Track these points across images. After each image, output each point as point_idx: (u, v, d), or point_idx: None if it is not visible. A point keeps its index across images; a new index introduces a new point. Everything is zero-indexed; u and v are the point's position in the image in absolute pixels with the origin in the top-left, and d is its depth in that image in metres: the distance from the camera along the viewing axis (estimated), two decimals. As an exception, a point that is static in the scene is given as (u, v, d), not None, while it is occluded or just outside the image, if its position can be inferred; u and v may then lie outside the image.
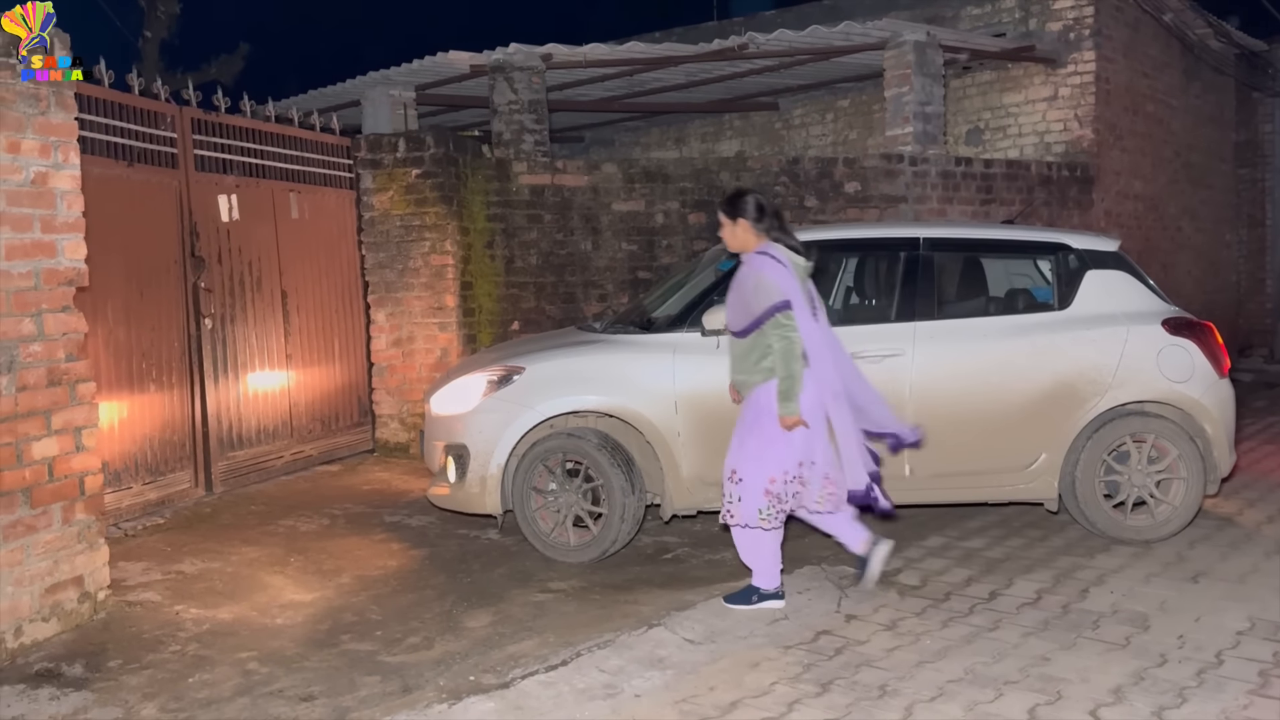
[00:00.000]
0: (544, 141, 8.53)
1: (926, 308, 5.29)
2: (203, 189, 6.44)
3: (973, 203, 8.63)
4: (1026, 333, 5.29)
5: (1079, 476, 5.21)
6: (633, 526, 5.08)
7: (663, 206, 8.11)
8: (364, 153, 7.61)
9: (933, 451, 5.14)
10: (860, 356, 5.07)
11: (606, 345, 5.30)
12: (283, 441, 7.11)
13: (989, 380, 5.19)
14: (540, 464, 5.10)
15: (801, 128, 12.12)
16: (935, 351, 5.19)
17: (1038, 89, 10.19)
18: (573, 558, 5.08)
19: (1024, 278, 5.94)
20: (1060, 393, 5.18)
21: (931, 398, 5.14)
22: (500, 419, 5.09)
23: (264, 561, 5.18)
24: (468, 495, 5.15)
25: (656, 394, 5.05)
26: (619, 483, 4.99)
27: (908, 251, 5.41)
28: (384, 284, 7.66)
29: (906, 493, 5.25)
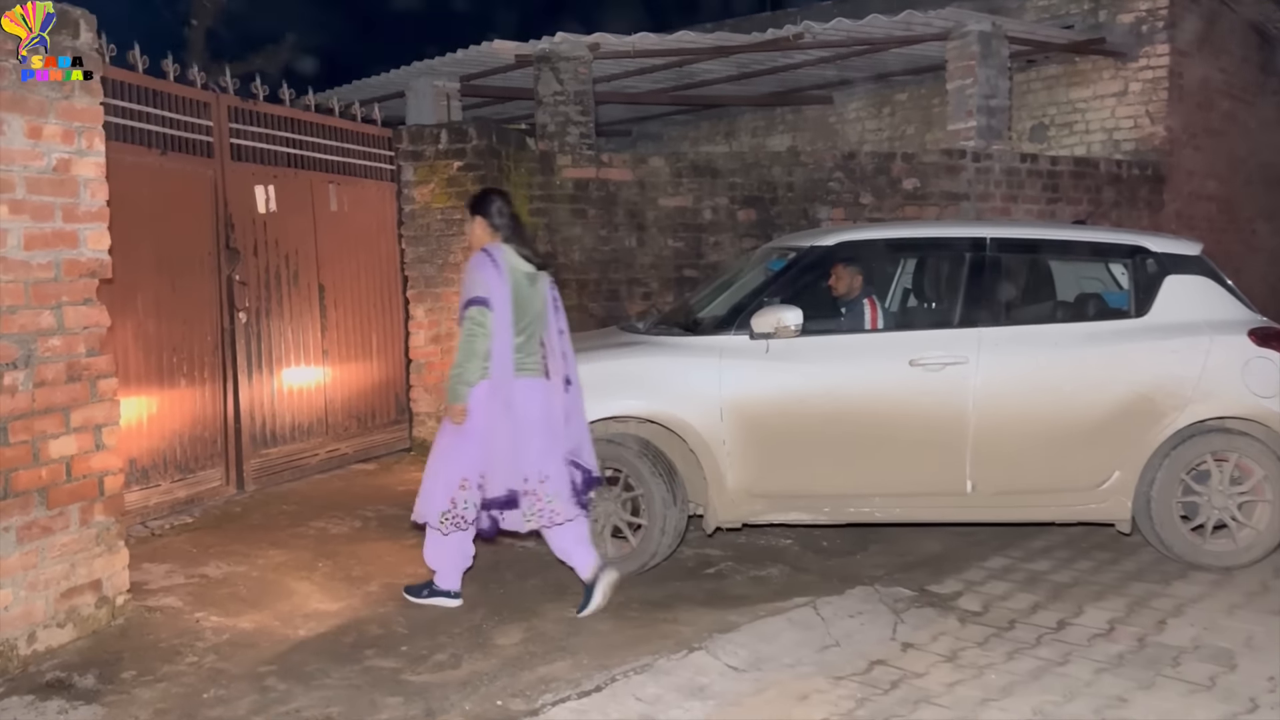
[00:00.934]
0: (589, 134, 8.29)
1: (993, 313, 4.96)
2: (239, 179, 6.28)
3: (1038, 202, 8.25)
4: (1100, 341, 4.94)
5: (1155, 496, 4.86)
6: (674, 539, 4.81)
7: (711, 202, 7.83)
8: (405, 144, 7.42)
9: (998, 467, 4.82)
10: (919, 363, 4.77)
11: (649, 347, 5.03)
12: (318, 439, 6.95)
13: (1060, 392, 4.85)
14: None
15: (856, 122, 11.77)
16: (1002, 360, 4.85)
17: (1106, 84, 9.77)
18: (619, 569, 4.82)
19: (1094, 282, 5.59)
20: (1136, 406, 4.83)
21: (997, 410, 4.81)
22: None
23: (291, 566, 4.99)
24: None
25: (701, 400, 4.78)
26: (660, 493, 4.72)
27: (974, 252, 5.07)
28: (423, 279, 7.46)
29: (968, 511, 4.93)
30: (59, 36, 3.91)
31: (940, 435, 4.81)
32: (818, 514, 4.92)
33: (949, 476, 4.83)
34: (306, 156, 6.84)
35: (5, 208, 3.73)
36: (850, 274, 5.58)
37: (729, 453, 4.77)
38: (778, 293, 4.94)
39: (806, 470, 4.86)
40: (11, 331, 3.75)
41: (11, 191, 3.75)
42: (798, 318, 4.70)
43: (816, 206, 7.94)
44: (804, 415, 4.79)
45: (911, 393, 4.80)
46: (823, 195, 7.95)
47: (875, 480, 4.88)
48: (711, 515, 4.89)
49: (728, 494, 4.82)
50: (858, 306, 5.55)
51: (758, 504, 4.86)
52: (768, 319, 4.73)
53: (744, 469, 4.79)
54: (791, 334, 4.72)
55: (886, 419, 4.80)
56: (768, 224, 7.74)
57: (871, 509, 4.91)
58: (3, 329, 3.72)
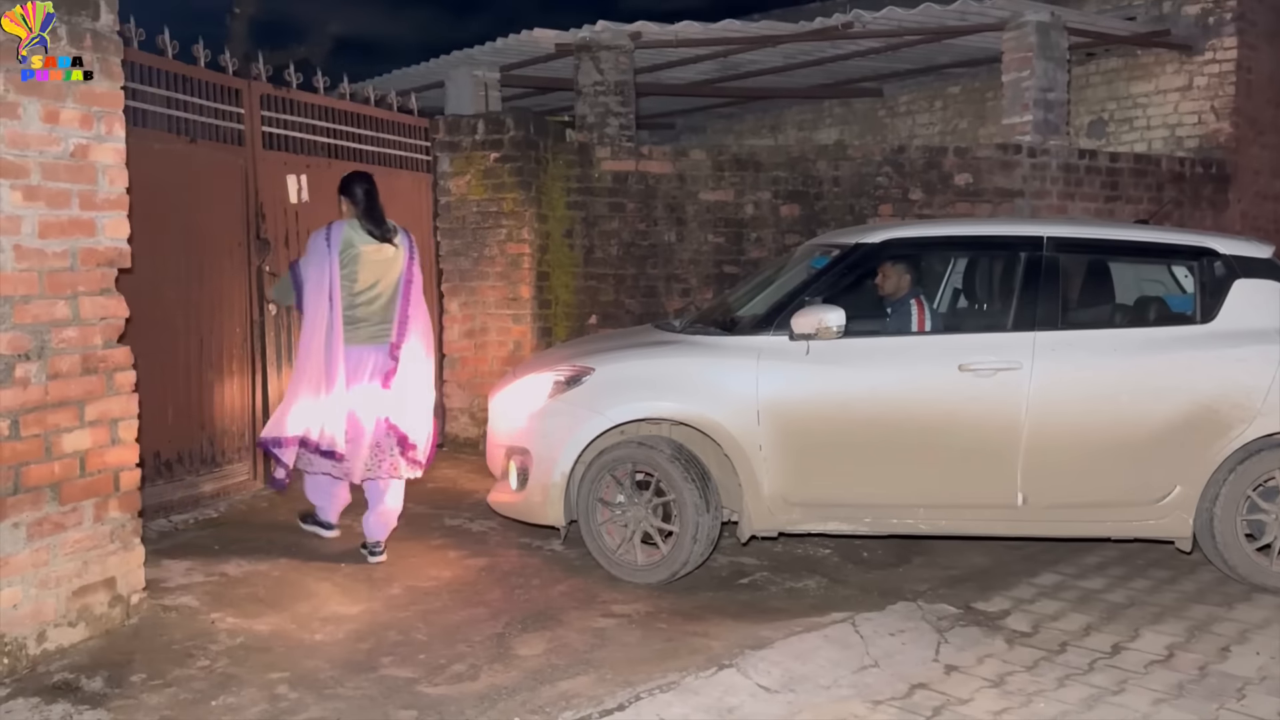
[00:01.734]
0: (629, 125, 8.10)
1: (1049, 316, 4.69)
2: (270, 168, 6.14)
3: (1096, 200, 7.91)
4: (1163, 348, 4.66)
5: (1218, 513, 4.57)
6: (706, 548, 4.62)
7: (753, 196, 7.61)
8: (442, 134, 7.28)
9: (1051, 479, 4.56)
10: (969, 368, 4.52)
11: (684, 347, 4.83)
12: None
13: (1118, 401, 4.58)
14: (608, 474, 4.68)
15: (907, 115, 11.46)
16: (1058, 366, 4.59)
17: (1170, 78, 9.37)
18: (639, 578, 4.65)
19: (1156, 285, 5.30)
20: (1200, 418, 4.54)
21: (1051, 418, 4.55)
22: (566, 423, 4.68)
23: (313, 565, 4.86)
24: (529, 504, 4.76)
25: (737, 402, 4.57)
26: (692, 499, 4.53)
27: (1029, 252, 4.81)
28: (458, 272, 7.33)
29: (1019, 524, 4.68)
30: (78, 18, 3.80)
31: (990, 444, 4.57)
32: (858, 524, 4.70)
33: (999, 488, 4.58)
34: (340, 146, 6.69)
35: (19, 194, 3.61)
36: (897, 273, 5.34)
37: (765, 458, 4.57)
38: (819, 292, 4.72)
39: (847, 478, 4.64)
40: (24, 322, 3.64)
41: (26, 177, 3.64)
42: (840, 318, 4.49)
43: (863, 202, 7.68)
44: (845, 420, 4.58)
45: (960, 399, 4.56)
46: (870, 190, 7.68)
47: (920, 490, 4.65)
48: (746, 523, 4.69)
49: (763, 501, 4.62)
50: (904, 307, 5.31)
51: (795, 512, 4.65)
52: (808, 319, 4.51)
53: (781, 475, 4.58)
54: (833, 335, 4.51)
55: (933, 426, 4.57)
56: (811, 220, 7.50)
57: (916, 520, 4.68)
58: (15, 319, 3.61)
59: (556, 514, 4.70)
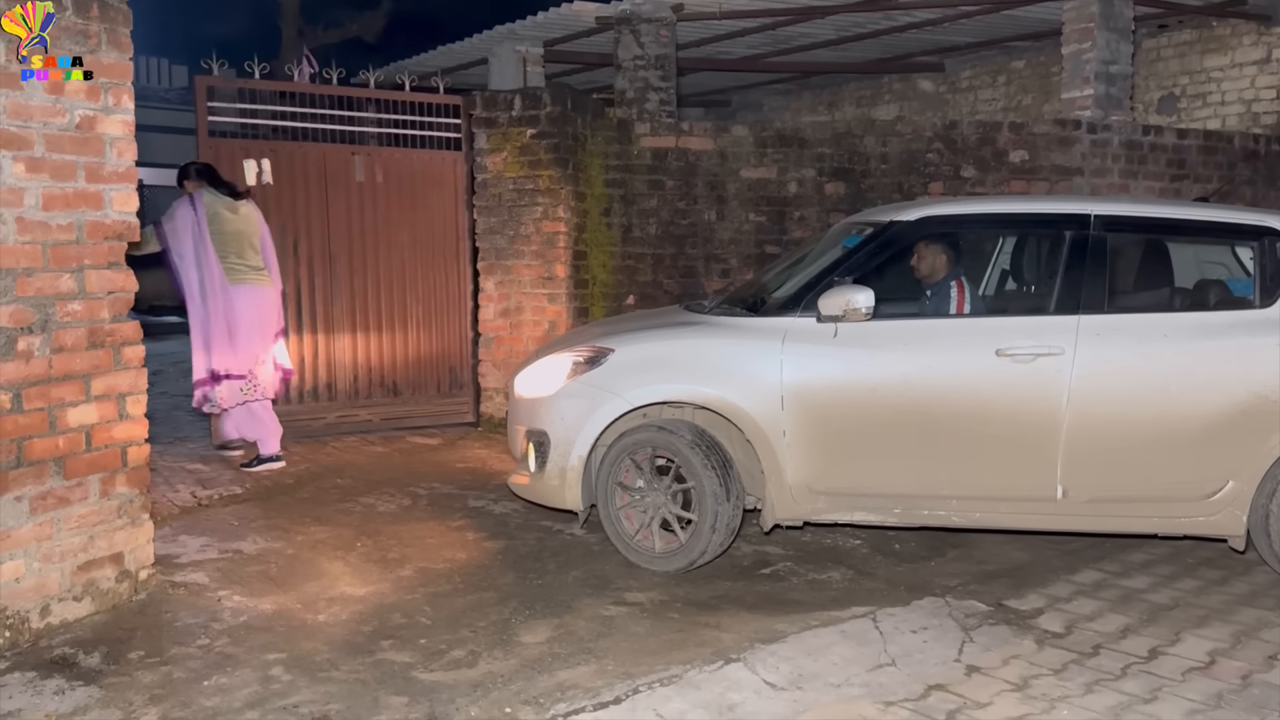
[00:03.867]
0: (669, 101, 7.91)
1: (1094, 298, 4.42)
2: (227, 154, 6.80)
3: (1161, 179, 7.51)
4: (1218, 334, 4.36)
5: (1274, 511, 4.28)
6: (725, 537, 4.46)
7: (796, 174, 7.37)
8: (479, 110, 7.18)
9: (1094, 472, 4.31)
10: (1006, 353, 4.28)
11: (707, 328, 4.67)
12: (335, 403, 7.46)
13: (1167, 390, 4.30)
14: (628, 457, 4.55)
15: (969, 91, 11.07)
16: (1102, 352, 4.32)
17: (1246, 51, 8.89)
18: (657, 565, 4.51)
19: (1219, 268, 4.98)
20: (1256, 409, 4.25)
21: (1095, 407, 4.29)
22: (584, 405, 4.55)
23: (329, 544, 4.82)
24: (546, 487, 4.65)
25: (761, 386, 4.40)
26: (711, 487, 4.37)
27: (1074, 230, 4.53)
28: (494, 250, 7.23)
29: (1058, 519, 4.43)
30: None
31: (1028, 434, 4.33)
32: (887, 515, 4.50)
33: (1037, 480, 4.35)
34: (319, 129, 7.33)
35: (22, 165, 3.59)
36: (934, 253, 5.10)
37: (789, 444, 4.39)
38: (850, 271, 4.52)
39: (875, 467, 4.45)
40: (28, 295, 3.62)
41: (29, 149, 3.61)
42: (869, 299, 4.29)
43: (912, 180, 7.40)
44: (874, 406, 4.38)
45: (997, 386, 4.33)
46: (920, 168, 7.40)
47: (953, 481, 4.43)
48: (769, 511, 4.52)
49: (787, 489, 4.44)
50: (944, 289, 5.07)
51: (820, 501, 4.47)
52: (836, 300, 4.32)
53: (806, 463, 4.40)
54: (862, 317, 4.31)
55: (967, 414, 4.35)
56: (857, 198, 7.24)
57: (948, 512, 4.46)
58: (18, 292, 3.59)
59: (574, 498, 4.59)
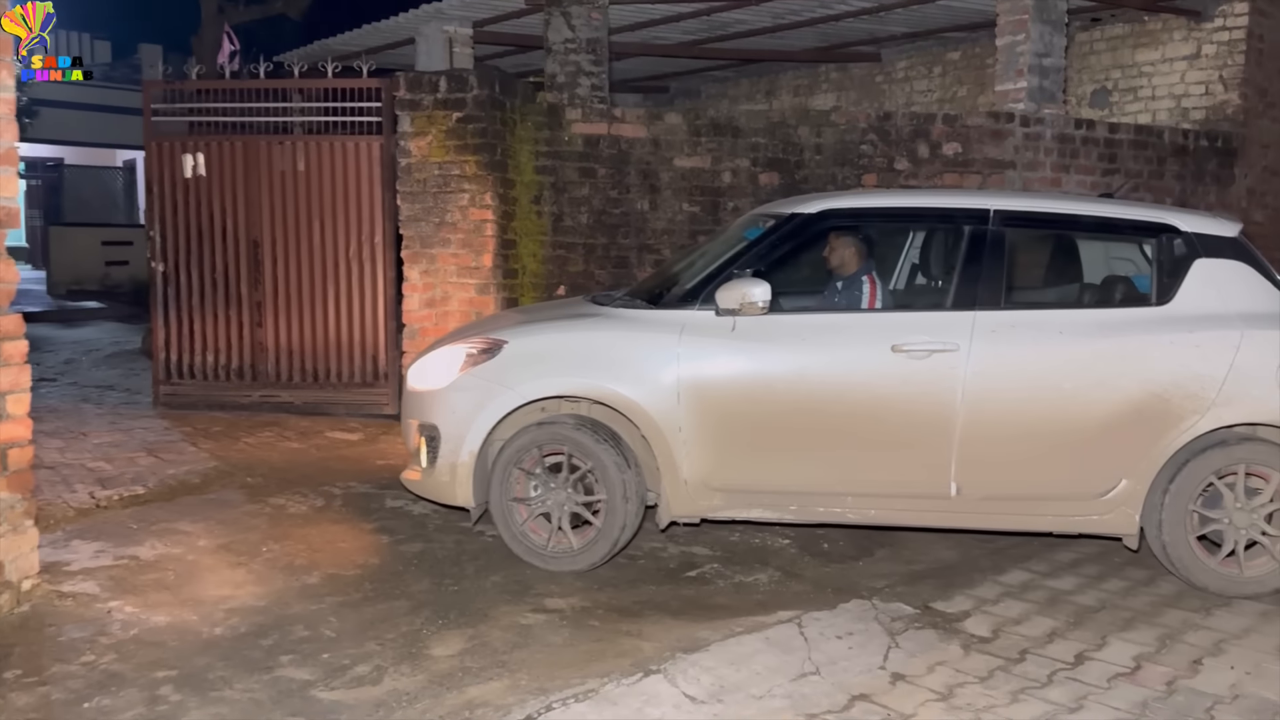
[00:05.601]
0: (602, 86, 7.72)
1: (991, 295, 4.36)
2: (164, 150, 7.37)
3: (1093, 172, 7.52)
4: (1114, 331, 4.32)
5: (1166, 511, 4.26)
6: (639, 506, 4.39)
7: (730, 164, 7.24)
8: (402, 92, 6.91)
9: (988, 470, 4.28)
10: (902, 349, 4.24)
11: (604, 320, 4.54)
12: (247, 382, 7.60)
13: (1062, 387, 4.26)
14: (526, 455, 4.42)
15: (905, 82, 11.03)
16: (997, 349, 4.27)
17: (1177, 46, 8.94)
18: (580, 563, 4.39)
19: (1125, 264, 4.97)
20: (1150, 407, 4.22)
21: (989, 405, 4.24)
22: (475, 399, 4.41)
23: (233, 549, 4.58)
24: (438, 483, 4.50)
25: (657, 381, 4.30)
26: (610, 458, 4.31)
27: (973, 225, 4.46)
28: (419, 238, 6.99)
29: (952, 516, 4.40)
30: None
31: (923, 431, 4.28)
32: (783, 512, 4.43)
33: (931, 477, 4.30)
34: (246, 122, 7.51)
35: (-118, 147, 3.31)
36: (844, 245, 5.05)
37: (685, 440, 4.30)
38: (749, 264, 4.43)
39: (771, 463, 4.38)
40: (-110, 287, 3.34)
41: (-110, 129, 3.33)
42: (765, 293, 4.21)
43: (846, 171, 7.31)
44: (770, 402, 4.31)
45: (892, 382, 4.27)
46: (854, 159, 7.31)
47: (848, 478, 4.38)
48: (664, 508, 4.45)
49: (682, 486, 4.36)
50: (855, 283, 5.02)
51: (715, 498, 4.39)
52: (733, 293, 4.23)
53: (701, 459, 4.32)
54: (758, 310, 4.23)
55: (862, 410, 4.29)
56: (791, 189, 7.13)
57: (843, 509, 4.41)
58: (-121, 284, 3.31)
59: (465, 494, 4.45)
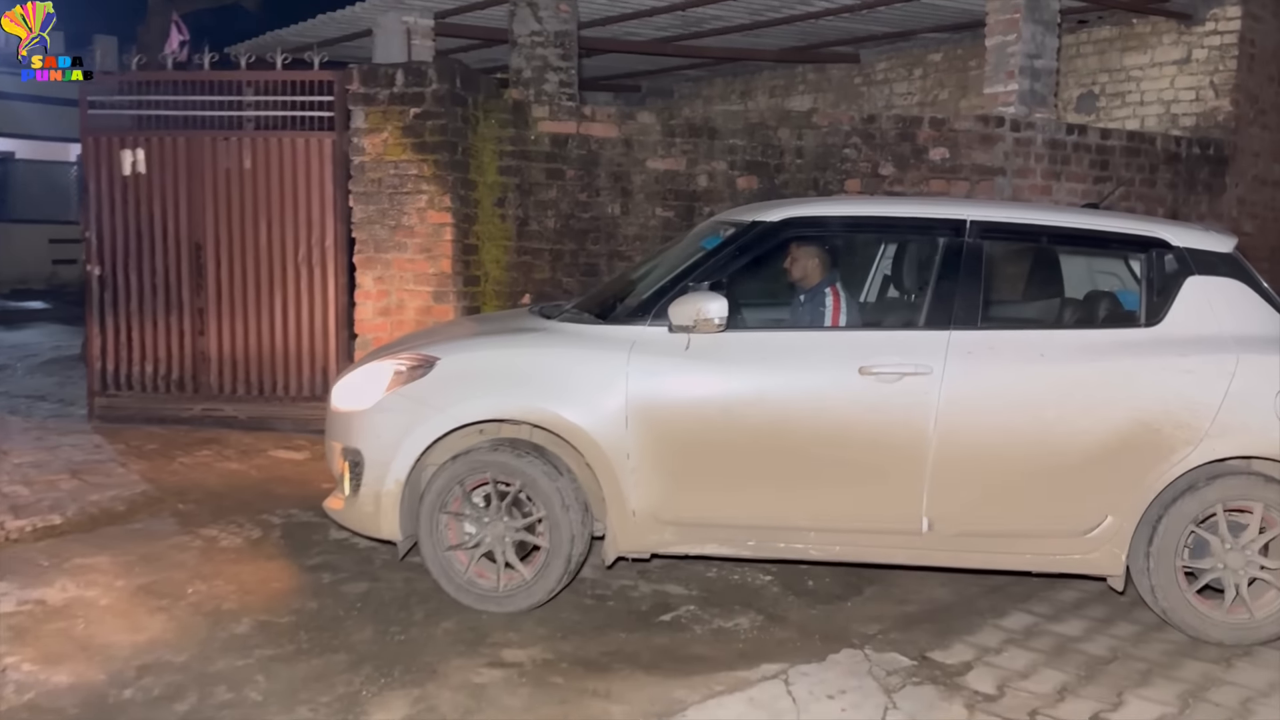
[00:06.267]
0: (570, 82, 7.30)
1: (967, 312, 3.99)
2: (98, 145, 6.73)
3: (1085, 180, 7.20)
4: (1100, 354, 3.96)
5: (1155, 550, 3.91)
6: (582, 513, 4.02)
7: (707, 166, 6.84)
8: (356, 85, 6.46)
9: (962, 504, 3.92)
10: (870, 371, 3.87)
11: (547, 336, 4.15)
12: (188, 394, 7.08)
13: (1043, 415, 3.90)
14: (457, 484, 4.01)
15: (884, 84, 10.70)
16: (974, 371, 3.90)
17: (1167, 50, 8.66)
18: (537, 594, 4.00)
19: (1112, 278, 4.65)
20: (1139, 439, 3.86)
21: (964, 433, 3.88)
22: (403, 421, 4.00)
23: (155, 591, 4.11)
24: (360, 513, 4.09)
25: (603, 404, 3.91)
26: (538, 469, 3.95)
27: (948, 237, 4.10)
28: (373, 242, 6.53)
29: (923, 553, 4.04)
30: None
31: (892, 461, 3.92)
32: (740, 547, 4.06)
33: (901, 511, 3.94)
34: (190, 116, 6.94)
35: None
36: (807, 256, 4.71)
37: (634, 469, 3.92)
38: (706, 276, 4.04)
39: (728, 495, 4.01)
40: None
41: None
42: (722, 308, 3.83)
43: (828, 176, 6.94)
44: (727, 428, 3.92)
45: (859, 407, 3.89)
46: (837, 163, 6.94)
47: (811, 511, 4.01)
48: (611, 543, 4.06)
49: (630, 518, 3.97)
50: (818, 297, 4.67)
51: (666, 532, 4.01)
52: (686, 308, 3.84)
53: (651, 489, 3.94)
54: (714, 328, 3.84)
55: (827, 438, 3.92)
56: (771, 194, 6.75)
57: (805, 545, 4.04)
58: None
59: (391, 527, 4.03)
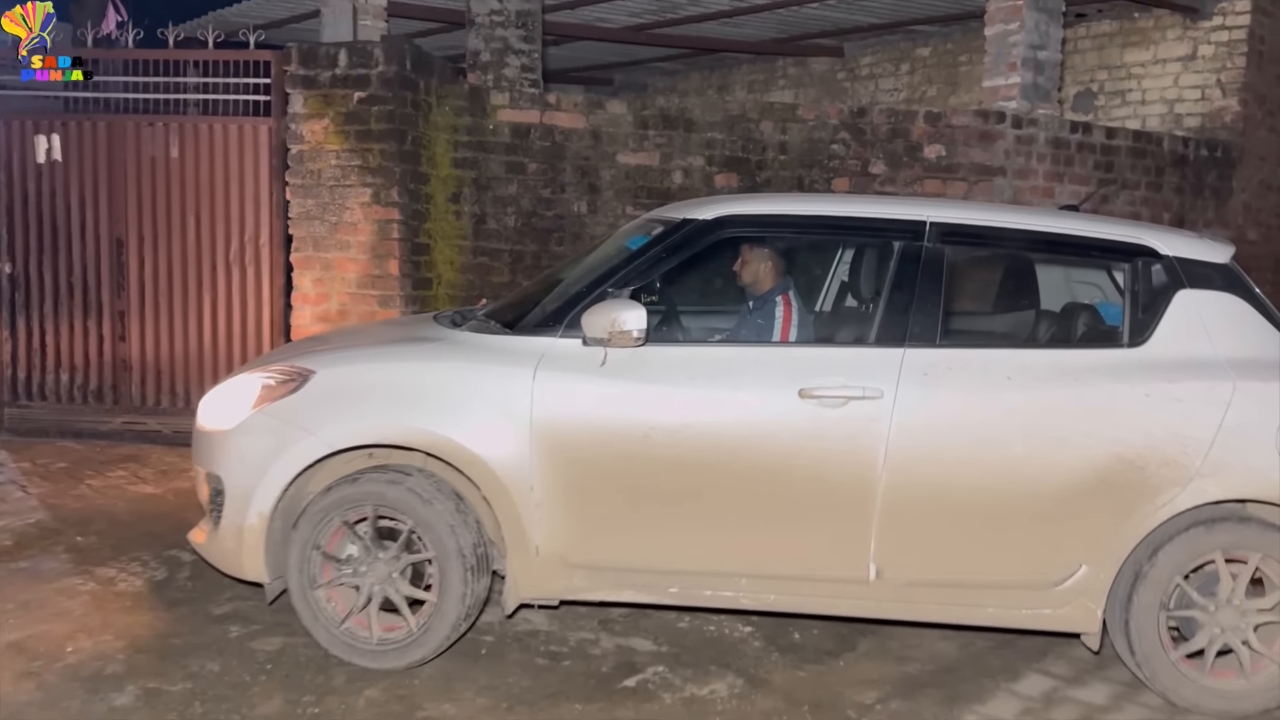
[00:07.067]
0: (534, 67, 6.71)
1: (925, 328, 3.43)
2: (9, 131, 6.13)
3: (1088, 183, 6.69)
4: (1077, 378, 3.40)
5: (1136, 605, 3.38)
6: (483, 592, 3.50)
7: (682, 162, 6.28)
8: (294, 67, 5.83)
9: (915, 549, 3.40)
10: (812, 394, 3.32)
11: (442, 347, 3.58)
12: (120, 408, 6.45)
13: (1010, 449, 3.35)
14: (335, 517, 3.43)
15: (869, 79, 10.20)
16: (930, 396, 3.35)
17: (1170, 46, 8.20)
18: (377, 662, 3.45)
19: (1091, 289, 4.17)
20: (1120, 477, 3.32)
21: (918, 468, 3.34)
22: (269, 445, 3.42)
23: (28, 649, 3.49)
24: (222, 550, 3.53)
25: (504, 428, 3.36)
26: (445, 519, 3.38)
27: (905, 240, 3.53)
28: (311, 240, 5.91)
29: (870, 604, 3.49)
30: None
31: (835, 499, 3.37)
32: (661, 594, 3.51)
33: (845, 557, 3.40)
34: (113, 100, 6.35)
35: None
36: (757, 259, 4.22)
37: (539, 503, 3.37)
38: (628, 281, 3.48)
39: (647, 534, 3.46)
40: None
41: None
42: (640, 319, 3.26)
43: (814, 174, 6.40)
44: (647, 457, 3.37)
45: (800, 436, 3.34)
46: (823, 160, 6.40)
47: (742, 554, 3.46)
48: (512, 588, 3.50)
49: (534, 560, 3.42)
50: (768, 305, 4.16)
51: (576, 577, 3.46)
52: (600, 318, 3.28)
53: (558, 527, 3.40)
54: (632, 341, 3.28)
55: (761, 471, 3.36)
56: (751, 192, 6.21)
57: (736, 593, 3.49)
58: None
59: (255, 567, 3.47)
